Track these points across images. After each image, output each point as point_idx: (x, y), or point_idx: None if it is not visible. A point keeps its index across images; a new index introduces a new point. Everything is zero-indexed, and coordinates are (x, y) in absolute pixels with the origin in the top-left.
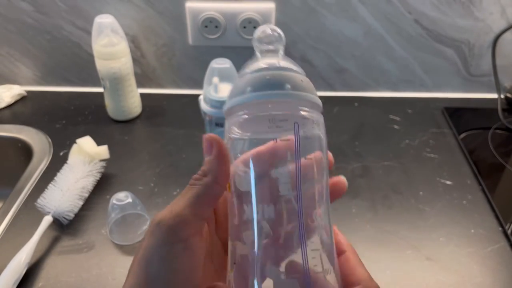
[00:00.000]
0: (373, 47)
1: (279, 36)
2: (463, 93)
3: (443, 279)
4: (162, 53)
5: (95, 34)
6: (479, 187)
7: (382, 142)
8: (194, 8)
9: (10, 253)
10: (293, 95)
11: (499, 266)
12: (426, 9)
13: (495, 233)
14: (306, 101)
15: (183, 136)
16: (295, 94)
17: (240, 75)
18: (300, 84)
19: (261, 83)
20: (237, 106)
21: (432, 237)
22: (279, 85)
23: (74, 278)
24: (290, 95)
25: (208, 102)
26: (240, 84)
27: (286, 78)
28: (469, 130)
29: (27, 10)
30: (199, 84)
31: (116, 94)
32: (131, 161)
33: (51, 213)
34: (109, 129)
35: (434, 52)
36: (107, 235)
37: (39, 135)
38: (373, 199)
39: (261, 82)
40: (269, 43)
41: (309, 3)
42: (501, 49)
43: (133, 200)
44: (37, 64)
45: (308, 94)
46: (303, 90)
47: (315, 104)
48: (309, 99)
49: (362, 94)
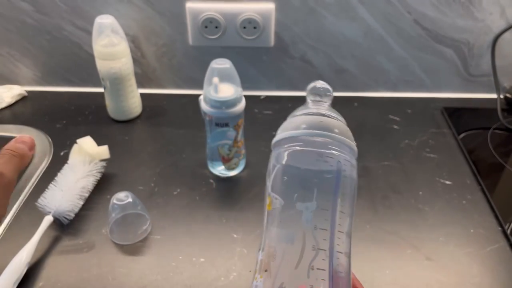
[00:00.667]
0: (372, 48)
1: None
2: (462, 93)
3: (443, 279)
4: (162, 53)
5: (95, 34)
6: (479, 187)
7: (382, 142)
8: (194, 8)
9: (11, 253)
10: (341, 140)
11: (498, 266)
12: (426, 9)
13: (494, 233)
14: (349, 147)
15: (183, 136)
16: (342, 139)
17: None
18: (346, 133)
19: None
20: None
21: (432, 237)
22: (329, 128)
23: (75, 278)
24: (338, 138)
25: (208, 102)
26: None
27: (335, 124)
28: (469, 130)
29: (27, 10)
30: (199, 84)
31: (116, 94)
32: (132, 161)
33: (51, 213)
34: (110, 129)
35: (434, 52)
36: (108, 235)
37: (39, 135)
38: (373, 199)
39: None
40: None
41: (309, 3)
42: (500, 49)
43: (133, 200)
44: (38, 64)
45: (352, 142)
46: (348, 138)
47: (354, 151)
48: (352, 147)
49: (361, 94)
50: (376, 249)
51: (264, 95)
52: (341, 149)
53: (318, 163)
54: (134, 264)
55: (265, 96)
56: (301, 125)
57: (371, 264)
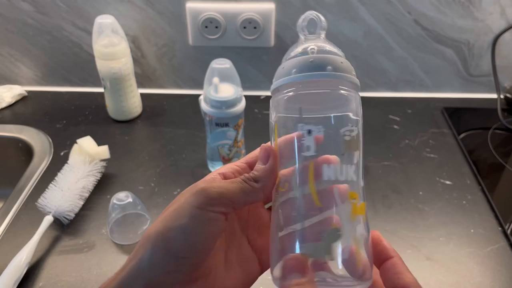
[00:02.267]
0: (373, 47)
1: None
2: (462, 93)
3: (443, 278)
4: (162, 53)
5: (95, 34)
6: (479, 187)
7: (382, 142)
8: (194, 8)
9: (11, 253)
10: (335, 75)
11: (498, 266)
12: (426, 10)
13: (494, 233)
14: (345, 81)
15: (183, 136)
16: (336, 75)
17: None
18: (340, 66)
19: (305, 66)
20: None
21: (432, 236)
22: (321, 67)
23: (75, 278)
24: (331, 75)
25: (209, 102)
26: (287, 66)
27: (327, 60)
28: (469, 130)
29: (27, 11)
30: (199, 84)
31: (116, 94)
32: (132, 161)
33: (51, 213)
34: (110, 129)
35: (434, 52)
36: (108, 235)
37: (39, 135)
38: (373, 198)
39: (305, 64)
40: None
41: (309, 3)
42: (500, 50)
43: (133, 200)
44: (38, 64)
45: (347, 75)
46: (342, 71)
47: (354, 83)
48: (348, 79)
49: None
50: None
51: (264, 95)
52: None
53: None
54: None
55: (265, 96)
56: (292, 70)
57: None
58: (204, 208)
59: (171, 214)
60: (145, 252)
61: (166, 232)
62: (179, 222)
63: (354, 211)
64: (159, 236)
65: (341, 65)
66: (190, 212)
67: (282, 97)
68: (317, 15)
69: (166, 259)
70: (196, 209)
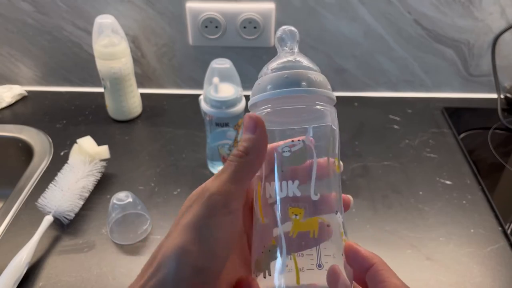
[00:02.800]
0: (373, 47)
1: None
2: (463, 93)
3: (443, 278)
4: (162, 53)
5: (95, 34)
6: (479, 187)
7: (382, 142)
8: (194, 8)
9: (11, 253)
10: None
11: (498, 266)
12: (426, 9)
13: (494, 233)
14: (321, 96)
15: (183, 136)
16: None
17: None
18: (314, 81)
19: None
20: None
21: (432, 236)
22: (296, 83)
23: (75, 277)
24: (306, 91)
25: (209, 102)
26: (263, 82)
27: (302, 76)
28: (469, 130)
29: (27, 11)
30: (199, 84)
31: (116, 94)
32: (132, 161)
33: (51, 213)
34: (110, 129)
35: (434, 52)
36: (108, 234)
37: (39, 135)
38: (373, 198)
39: (279, 81)
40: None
41: (309, 3)
42: (500, 49)
43: (133, 200)
44: (38, 64)
45: (322, 90)
46: (318, 86)
47: (329, 98)
48: (323, 94)
49: (362, 94)
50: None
51: None
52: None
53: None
54: (134, 264)
55: None
56: (266, 86)
57: None
58: (222, 213)
59: (187, 228)
60: (168, 269)
61: (188, 246)
62: (199, 235)
63: (295, 227)
64: (182, 251)
65: (314, 79)
66: (209, 223)
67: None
68: (289, 30)
69: (193, 274)
70: (213, 218)
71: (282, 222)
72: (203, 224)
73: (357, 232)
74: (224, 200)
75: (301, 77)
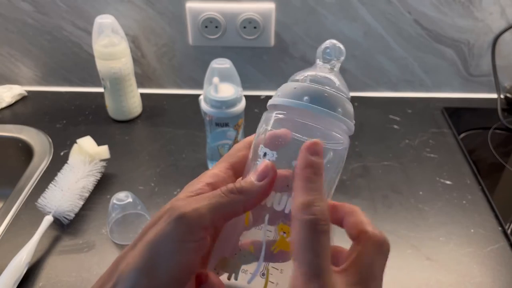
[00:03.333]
0: (373, 47)
1: (340, 52)
2: (463, 93)
3: (443, 278)
4: (162, 53)
5: (95, 34)
6: (479, 187)
7: (382, 142)
8: (194, 8)
9: (11, 253)
10: (341, 119)
11: (498, 266)
12: (426, 9)
13: (494, 233)
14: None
15: (183, 136)
16: (342, 119)
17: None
18: (348, 111)
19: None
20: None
21: (432, 236)
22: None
23: (75, 277)
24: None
25: (209, 102)
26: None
27: (339, 101)
28: (469, 130)
29: (27, 11)
30: (199, 84)
31: (116, 94)
32: (132, 161)
33: (51, 213)
34: (110, 129)
35: (434, 52)
36: (108, 234)
37: (39, 135)
38: (373, 198)
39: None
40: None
41: (309, 3)
42: (500, 49)
43: (133, 200)
44: (38, 64)
45: (351, 122)
46: (349, 117)
47: (351, 131)
48: (350, 127)
49: (362, 94)
50: None
51: (264, 95)
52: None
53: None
54: None
55: (265, 96)
56: (303, 96)
57: None
58: (186, 240)
59: (148, 249)
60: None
61: (146, 269)
62: (160, 259)
63: (279, 244)
64: (139, 274)
65: (349, 109)
66: (171, 247)
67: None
68: (338, 47)
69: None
70: (177, 242)
71: (268, 234)
72: (165, 247)
73: None
74: (193, 229)
75: (339, 102)
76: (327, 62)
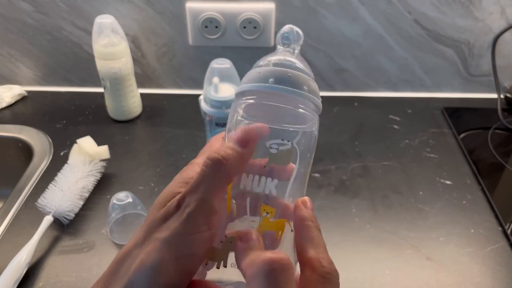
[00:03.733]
0: (373, 47)
1: (298, 36)
2: (463, 93)
3: (443, 279)
4: (162, 53)
5: (95, 34)
6: (479, 187)
7: (382, 142)
8: (194, 8)
9: (11, 253)
10: (308, 97)
11: (498, 266)
12: (426, 9)
13: (494, 233)
14: (312, 103)
15: (183, 136)
16: (309, 97)
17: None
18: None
19: (283, 79)
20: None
21: (432, 236)
22: (298, 85)
23: (75, 278)
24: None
25: (208, 102)
26: (264, 73)
27: (304, 80)
28: (469, 130)
29: (27, 10)
30: (199, 84)
31: (116, 94)
32: (132, 161)
33: (51, 213)
34: (110, 129)
35: (434, 52)
36: (108, 234)
37: (39, 135)
38: (373, 198)
39: (282, 77)
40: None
41: (309, 3)
42: (500, 49)
43: (133, 200)
44: (38, 64)
45: (318, 100)
46: (315, 94)
47: (319, 109)
48: (318, 104)
49: (362, 94)
50: (376, 249)
51: None
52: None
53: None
54: None
55: None
56: (268, 79)
57: (371, 264)
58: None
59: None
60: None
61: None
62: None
63: (263, 225)
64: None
65: (314, 87)
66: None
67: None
68: (296, 31)
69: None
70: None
71: (252, 225)
72: (182, 241)
73: (357, 232)
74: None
75: (304, 81)
76: (287, 46)
